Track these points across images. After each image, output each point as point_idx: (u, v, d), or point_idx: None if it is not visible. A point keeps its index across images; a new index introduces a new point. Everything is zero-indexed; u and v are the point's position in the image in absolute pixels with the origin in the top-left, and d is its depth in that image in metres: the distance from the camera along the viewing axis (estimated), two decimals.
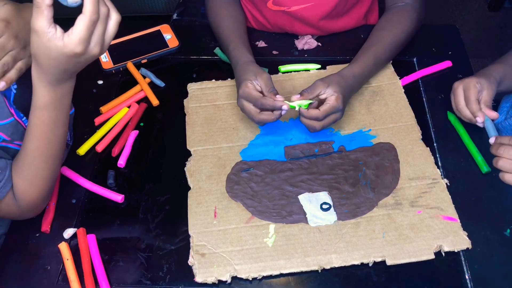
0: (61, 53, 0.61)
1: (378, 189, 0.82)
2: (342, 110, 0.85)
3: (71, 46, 0.60)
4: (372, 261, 0.74)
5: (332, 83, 0.85)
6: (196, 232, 0.78)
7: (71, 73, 0.67)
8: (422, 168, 0.84)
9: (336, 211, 0.79)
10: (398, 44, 0.98)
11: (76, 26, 0.60)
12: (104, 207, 0.83)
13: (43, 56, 0.62)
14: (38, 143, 0.71)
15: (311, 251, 0.75)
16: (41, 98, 0.67)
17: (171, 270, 0.75)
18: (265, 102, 0.84)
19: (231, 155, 0.88)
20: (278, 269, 0.73)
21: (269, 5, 1.01)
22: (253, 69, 0.88)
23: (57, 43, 0.60)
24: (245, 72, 0.87)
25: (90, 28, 0.60)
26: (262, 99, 0.84)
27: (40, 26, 0.59)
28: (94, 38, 0.62)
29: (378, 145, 0.88)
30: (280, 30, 1.08)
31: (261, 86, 0.86)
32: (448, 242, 0.75)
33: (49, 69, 0.63)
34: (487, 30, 2.12)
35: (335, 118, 0.85)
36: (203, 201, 0.82)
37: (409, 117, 0.92)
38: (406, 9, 1.00)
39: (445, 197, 0.80)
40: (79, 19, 0.59)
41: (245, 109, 0.86)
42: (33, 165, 0.72)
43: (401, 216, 0.78)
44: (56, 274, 0.75)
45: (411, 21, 0.99)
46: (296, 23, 1.04)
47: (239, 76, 0.89)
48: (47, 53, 0.61)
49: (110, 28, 0.64)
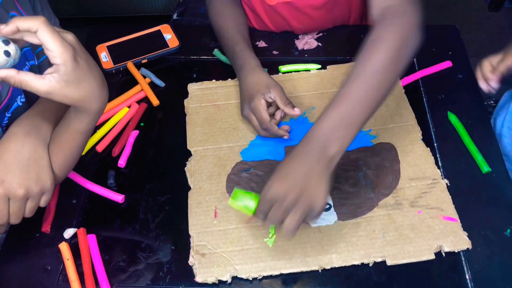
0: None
1: (378, 189, 0.82)
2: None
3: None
4: (372, 261, 0.74)
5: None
6: (196, 232, 0.78)
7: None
8: (422, 168, 0.84)
9: (336, 211, 0.79)
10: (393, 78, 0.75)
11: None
12: (104, 207, 0.83)
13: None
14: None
15: (311, 251, 0.75)
16: (85, 126, 0.69)
17: (171, 270, 0.75)
18: (270, 128, 0.86)
19: (231, 155, 0.88)
20: (279, 269, 0.73)
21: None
22: (265, 79, 0.88)
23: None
24: (257, 84, 0.87)
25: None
26: (268, 124, 0.85)
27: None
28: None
29: (378, 145, 0.88)
30: (280, 27, 1.07)
31: (275, 98, 0.86)
32: (448, 242, 0.75)
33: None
34: (487, 30, 2.12)
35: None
36: (203, 201, 0.82)
37: (410, 117, 0.92)
38: (396, 23, 0.76)
39: (445, 197, 0.80)
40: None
41: (251, 121, 0.88)
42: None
43: (401, 216, 0.78)
44: (57, 274, 0.75)
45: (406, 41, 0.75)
46: (295, 15, 1.02)
47: (248, 85, 0.88)
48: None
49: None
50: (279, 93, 0.86)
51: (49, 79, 0.59)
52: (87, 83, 0.63)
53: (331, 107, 0.71)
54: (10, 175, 0.66)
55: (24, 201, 0.68)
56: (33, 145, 0.68)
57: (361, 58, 0.73)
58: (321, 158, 0.68)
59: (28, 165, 0.67)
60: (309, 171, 0.68)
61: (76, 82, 0.61)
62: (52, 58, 0.59)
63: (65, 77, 0.60)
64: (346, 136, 0.70)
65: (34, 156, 0.68)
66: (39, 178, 0.68)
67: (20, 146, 0.68)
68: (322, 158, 0.68)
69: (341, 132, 0.69)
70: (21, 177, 0.66)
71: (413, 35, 0.75)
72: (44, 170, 0.68)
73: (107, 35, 1.08)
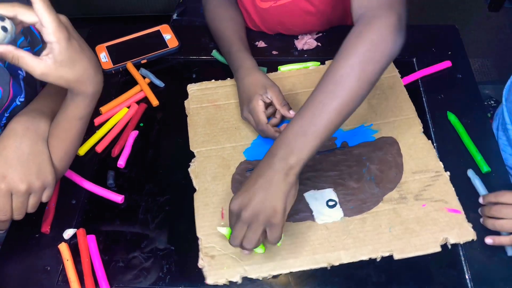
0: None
1: (382, 184, 0.82)
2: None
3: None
4: (380, 256, 0.74)
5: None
6: (204, 234, 0.77)
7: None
8: (424, 161, 0.84)
9: (342, 207, 0.80)
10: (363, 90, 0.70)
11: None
12: (104, 207, 0.83)
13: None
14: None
15: (320, 248, 0.75)
16: (82, 110, 0.70)
17: (171, 271, 0.75)
18: (265, 130, 0.86)
19: (235, 155, 0.88)
20: (288, 268, 0.73)
21: (258, 2, 1.01)
22: (262, 80, 0.88)
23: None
24: (254, 85, 0.87)
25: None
26: (264, 126, 0.85)
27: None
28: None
29: (381, 140, 0.88)
30: (274, 30, 1.07)
31: (272, 99, 0.86)
32: (454, 234, 0.75)
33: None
34: (487, 30, 2.12)
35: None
36: (209, 203, 0.81)
37: (410, 110, 0.92)
38: (378, 27, 0.70)
39: (449, 190, 0.81)
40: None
41: (250, 123, 0.88)
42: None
43: (407, 210, 0.79)
44: (56, 275, 0.75)
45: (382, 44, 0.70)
46: (288, 18, 1.02)
47: (245, 87, 0.88)
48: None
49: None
50: (276, 93, 0.86)
51: (45, 60, 0.61)
52: (81, 64, 0.64)
53: (294, 117, 0.70)
54: (11, 171, 0.66)
55: (26, 196, 0.69)
56: (32, 141, 0.69)
57: (330, 66, 0.71)
58: (280, 168, 0.66)
59: (28, 160, 0.68)
60: (266, 183, 0.66)
61: (70, 62, 0.62)
62: (46, 36, 0.60)
63: (59, 57, 0.61)
64: (305, 145, 0.67)
65: (34, 151, 0.68)
66: (40, 173, 0.68)
67: (19, 142, 0.68)
68: (281, 169, 0.66)
69: (300, 141, 0.67)
70: (22, 172, 0.67)
71: (388, 40, 0.69)
72: (45, 164, 0.69)
73: (107, 35, 1.08)
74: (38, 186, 0.69)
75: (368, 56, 0.68)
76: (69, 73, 0.63)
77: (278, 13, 1.01)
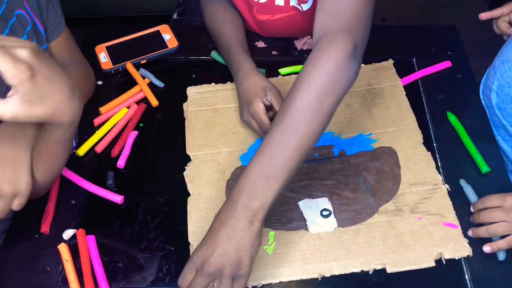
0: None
1: (378, 195, 0.81)
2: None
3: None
4: (372, 269, 0.73)
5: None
6: (195, 240, 0.77)
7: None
8: (423, 173, 0.83)
9: (336, 217, 0.79)
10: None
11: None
12: (103, 208, 0.83)
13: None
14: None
15: (311, 258, 0.75)
16: (60, 136, 0.67)
17: (170, 271, 0.75)
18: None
19: (231, 160, 0.87)
20: (278, 277, 0.73)
21: (255, 14, 1.01)
22: (261, 82, 0.87)
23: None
24: (253, 87, 0.87)
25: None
26: (268, 127, 0.83)
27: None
28: None
29: (379, 149, 0.87)
30: (271, 35, 1.07)
31: (272, 101, 0.85)
32: (449, 249, 0.74)
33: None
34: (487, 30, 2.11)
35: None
36: (202, 208, 0.81)
37: (410, 120, 0.91)
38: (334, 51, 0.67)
39: (446, 203, 0.79)
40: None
41: (251, 126, 0.87)
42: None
43: (402, 222, 0.78)
44: (56, 275, 0.75)
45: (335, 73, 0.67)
46: (286, 28, 1.02)
47: (245, 90, 0.87)
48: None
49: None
50: (276, 95, 0.86)
51: (11, 103, 0.56)
52: (52, 99, 0.60)
53: (254, 157, 0.66)
54: None
55: None
56: (15, 146, 0.67)
57: (286, 99, 0.67)
58: (243, 216, 0.64)
59: (5, 164, 0.66)
60: (230, 232, 0.64)
61: (39, 99, 0.58)
62: (7, 80, 0.55)
63: (26, 98, 0.56)
64: (267, 189, 0.64)
65: (13, 156, 0.66)
66: (14, 179, 0.66)
67: (1, 145, 0.66)
68: (244, 217, 0.64)
69: (261, 185, 0.64)
70: None
71: (344, 69, 0.67)
72: (22, 172, 0.67)
73: (106, 35, 1.08)
74: (7, 191, 0.66)
75: (325, 88, 0.66)
76: (41, 110, 0.59)
77: (275, 25, 1.02)
